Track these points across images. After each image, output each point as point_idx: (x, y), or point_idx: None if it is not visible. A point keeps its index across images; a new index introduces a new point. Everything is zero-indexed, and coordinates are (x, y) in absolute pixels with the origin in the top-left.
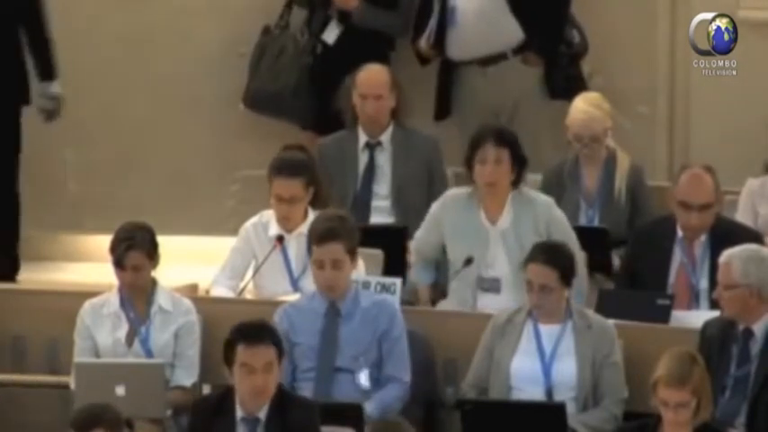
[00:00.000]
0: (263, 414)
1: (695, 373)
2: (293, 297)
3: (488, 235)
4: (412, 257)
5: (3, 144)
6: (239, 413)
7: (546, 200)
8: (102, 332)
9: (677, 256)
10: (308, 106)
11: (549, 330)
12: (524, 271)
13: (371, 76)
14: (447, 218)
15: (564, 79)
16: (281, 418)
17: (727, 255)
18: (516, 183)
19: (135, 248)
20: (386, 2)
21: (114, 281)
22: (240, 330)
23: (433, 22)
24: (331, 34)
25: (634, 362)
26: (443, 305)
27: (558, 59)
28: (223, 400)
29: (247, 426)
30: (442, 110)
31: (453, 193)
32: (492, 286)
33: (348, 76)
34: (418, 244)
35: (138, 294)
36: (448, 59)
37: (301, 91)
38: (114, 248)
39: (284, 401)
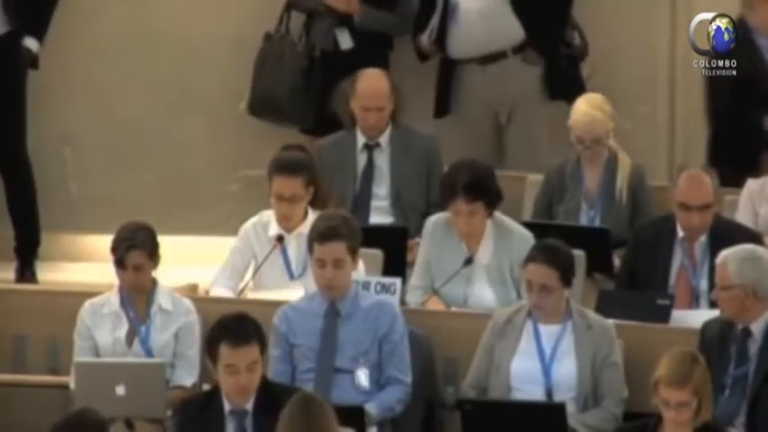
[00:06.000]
0: (249, 406)
1: (696, 373)
2: (294, 292)
3: (471, 267)
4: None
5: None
6: (227, 407)
7: (526, 236)
8: (102, 332)
9: (677, 257)
10: (307, 109)
11: (548, 330)
12: (524, 271)
13: (372, 88)
14: (432, 248)
15: (563, 80)
16: (269, 409)
17: (722, 255)
18: (491, 213)
19: (136, 248)
20: (385, 2)
21: (114, 281)
22: (223, 329)
23: (435, 20)
24: (344, 40)
25: (634, 362)
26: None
27: (558, 60)
28: (211, 395)
29: (236, 419)
30: (442, 108)
31: (434, 220)
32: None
33: (344, 77)
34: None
35: (138, 294)
36: (448, 57)
37: (297, 95)
38: (115, 248)
39: (270, 392)
